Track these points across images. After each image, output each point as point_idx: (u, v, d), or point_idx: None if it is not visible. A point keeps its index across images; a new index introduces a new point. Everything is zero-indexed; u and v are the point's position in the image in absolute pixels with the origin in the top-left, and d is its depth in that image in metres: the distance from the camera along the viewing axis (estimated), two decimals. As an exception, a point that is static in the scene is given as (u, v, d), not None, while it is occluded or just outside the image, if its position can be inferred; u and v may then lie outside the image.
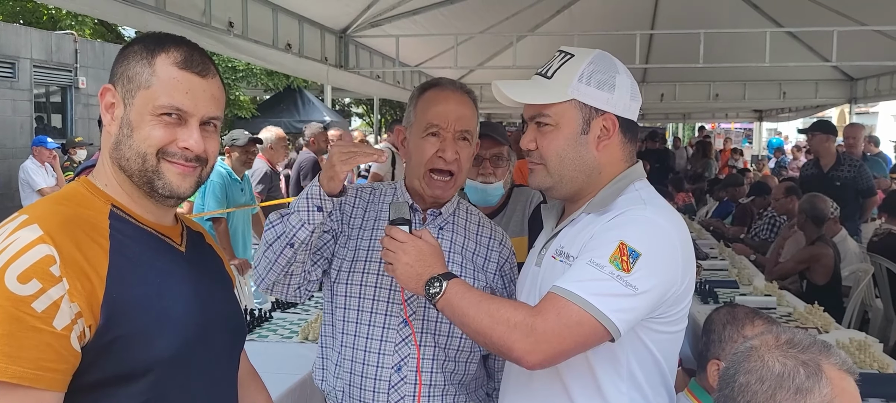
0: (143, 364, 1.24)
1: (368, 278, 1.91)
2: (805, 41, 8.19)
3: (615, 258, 1.46)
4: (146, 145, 1.29)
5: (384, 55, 8.06)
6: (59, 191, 1.34)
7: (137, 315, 1.23)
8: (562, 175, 1.63)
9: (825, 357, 1.27)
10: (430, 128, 1.89)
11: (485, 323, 1.50)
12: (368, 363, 1.90)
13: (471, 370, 1.99)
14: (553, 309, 1.46)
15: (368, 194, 2.05)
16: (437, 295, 1.57)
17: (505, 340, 1.48)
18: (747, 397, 1.27)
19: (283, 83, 18.57)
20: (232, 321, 1.49)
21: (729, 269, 5.10)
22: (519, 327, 1.46)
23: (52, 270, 1.14)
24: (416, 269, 1.62)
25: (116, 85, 1.31)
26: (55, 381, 1.14)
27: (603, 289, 1.44)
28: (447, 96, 1.93)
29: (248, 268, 5.39)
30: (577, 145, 1.61)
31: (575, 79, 1.59)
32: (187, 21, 4.50)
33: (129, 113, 1.30)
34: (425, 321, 1.90)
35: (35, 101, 12.79)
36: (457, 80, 2.00)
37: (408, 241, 1.64)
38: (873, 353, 3.17)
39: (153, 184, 1.31)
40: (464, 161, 1.92)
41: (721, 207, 8.99)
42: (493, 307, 1.52)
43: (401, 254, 1.63)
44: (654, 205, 1.59)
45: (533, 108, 1.64)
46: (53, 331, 1.13)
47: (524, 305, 1.53)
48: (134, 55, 1.31)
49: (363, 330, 1.91)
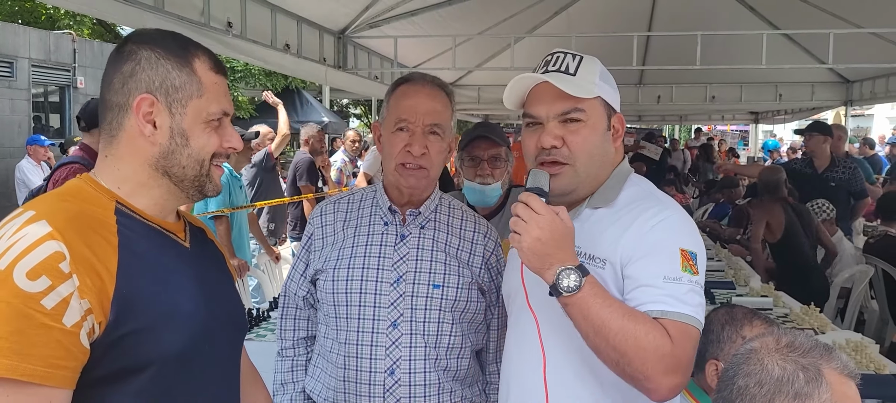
0: (151, 359, 1.25)
1: (352, 285, 1.91)
2: (801, 43, 8.20)
3: (686, 266, 1.48)
4: (205, 152, 1.35)
5: (382, 56, 8.06)
6: (62, 188, 1.34)
7: (146, 310, 1.24)
8: (588, 172, 1.61)
9: (826, 361, 1.26)
10: (400, 123, 1.91)
11: (627, 343, 1.41)
12: (361, 368, 1.89)
13: (463, 365, 1.99)
14: (684, 337, 1.44)
15: (346, 203, 2.05)
16: (572, 290, 1.44)
17: (646, 369, 1.41)
18: (746, 400, 1.27)
19: (282, 84, 18.55)
20: (235, 316, 1.51)
21: (725, 270, 5.11)
22: (666, 359, 1.41)
23: (62, 266, 1.14)
24: (548, 248, 1.45)
25: (157, 94, 1.31)
26: (64, 379, 1.14)
27: (693, 300, 1.47)
28: (417, 90, 1.94)
29: (247, 269, 5.40)
30: (603, 142, 1.63)
31: (597, 77, 1.61)
32: (186, 21, 4.50)
33: (181, 122, 1.32)
34: (413, 322, 1.90)
35: (33, 101, 12.78)
36: (429, 75, 2.00)
37: (544, 214, 1.47)
38: (869, 354, 3.19)
39: (204, 188, 1.37)
40: (434, 155, 1.92)
41: (717, 209, 9.01)
42: (640, 328, 1.41)
43: (532, 226, 1.46)
44: (664, 198, 1.64)
45: (566, 103, 1.58)
46: (63, 328, 1.13)
47: (661, 327, 1.43)
48: (166, 62, 1.32)
49: (352, 337, 1.90)
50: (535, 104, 1.63)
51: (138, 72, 1.31)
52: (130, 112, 1.31)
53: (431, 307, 1.91)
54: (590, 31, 7.69)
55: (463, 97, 11.63)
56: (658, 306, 1.46)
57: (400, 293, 1.91)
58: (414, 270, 1.93)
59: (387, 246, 1.95)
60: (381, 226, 1.98)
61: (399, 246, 1.95)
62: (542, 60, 1.66)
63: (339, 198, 2.09)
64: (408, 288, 1.91)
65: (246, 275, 5.40)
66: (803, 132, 6.47)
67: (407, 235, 1.97)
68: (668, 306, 1.45)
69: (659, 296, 1.46)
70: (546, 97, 1.60)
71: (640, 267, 1.51)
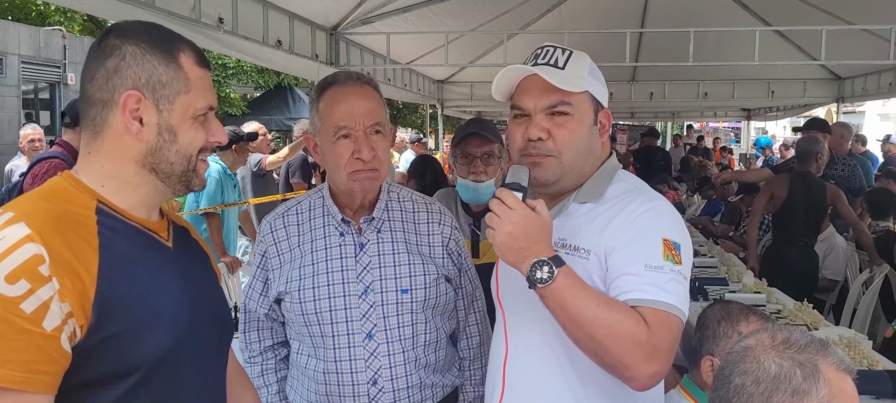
0: (135, 362, 1.22)
1: (321, 304, 1.88)
2: (794, 40, 8.22)
3: (667, 255, 1.48)
4: (192, 148, 1.33)
5: (375, 53, 8.03)
6: (42, 187, 1.31)
7: (129, 313, 1.21)
8: (573, 166, 1.62)
9: (822, 357, 1.25)
10: (340, 131, 1.84)
11: (603, 332, 1.41)
12: (343, 383, 1.88)
13: (441, 356, 1.99)
14: (663, 325, 1.43)
15: (295, 216, 1.99)
16: (545, 282, 1.45)
17: (625, 357, 1.41)
18: (743, 399, 1.25)
19: (274, 81, 18.50)
20: (220, 317, 1.48)
21: (718, 267, 5.12)
22: (644, 346, 1.40)
23: (41, 270, 1.12)
24: (520, 242, 1.47)
25: (143, 90, 1.29)
26: (46, 383, 1.12)
27: (675, 289, 1.47)
28: (348, 93, 1.86)
29: (239, 266, 5.38)
30: (589, 137, 1.63)
31: (586, 71, 1.62)
32: (176, 16, 4.47)
33: (169, 119, 1.30)
34: (386, 330, 1.88)
35: (23, 98, 12.70)
36: (352, 72, 1.94)
37: (517, 209, 1.48)
38: (863, 350, 3.19)
39: (190, 183, 1.36)
40: (382, 153, 1.87)
41: (709, 206, 9.03)
42: (615, 315, 1.42)
43: (505, 221, 1.47)
44: (651, 192, 1.64)
45: (554, 96, 1.58)
46: (43, 333, 1.11)
47: (637, 314, 1.43)
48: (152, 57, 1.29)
49: (329, 354, 1.88)
50: (523, 96, 1.63)
51: (123, 67, 1.28)
52: (116, 108, 1.29)
53: (403, 312, 1.90)
54: (583, 28, 7.68)
55: (455, 94, 11.63)
56: (637, 294, 1.46)
57: (369, 303, 1.89)
58: (379, 278, 1.91)
59: (347, 258, 1.91)
60: (338, 238, 1.93)
61: (360, 256, 1.92)
62: (532, 53, 1.66)
63: (286, 210, 2.01)
64: (376, 297, 1.89)
65: (238, 272, 5.37)
66: (802, 130, 6.47)
67: (365, 243, 1.93)
68: (648, 294, 1.45)
69: (639, 285, 1.46)
70: (534, 90, 1.60)
71: (621, 256, 1.51)
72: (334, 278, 1.89)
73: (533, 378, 1.64)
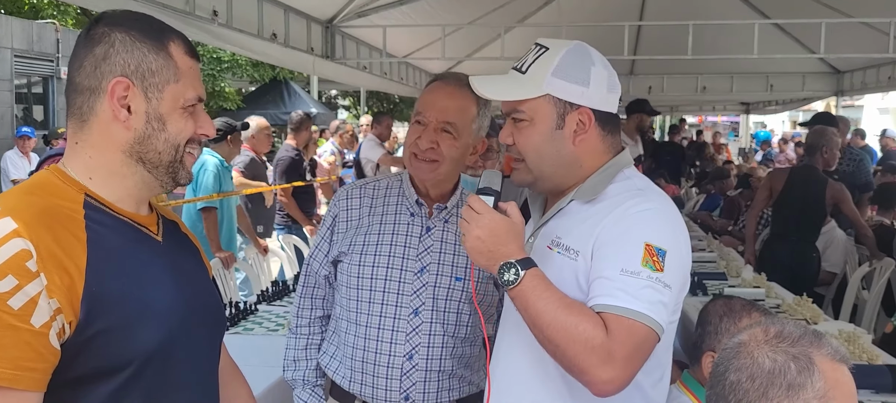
0: (126, 357, 1.21)
1: (378, 271, 1.99)
2: (793, 33, 8.21)
3: (647, 261, 1.45)
4: (181, 138, 1.32)
5: (371, 46, 7.98)
6: (29, 181, 1.29)
7: (119, 308, 1.20)
8: (541, 170, 1.61)
9: (816, 349, 1.23)
10: (416, 117, 2.00)
11: (559, 335, 1.42)
12: (380, 352, 1.97)
13: (474, 352, 2.08)
14: (623, 332, 1.41)
15: (371, 189, 2.12)
16: (511, 283, 1.48)
17: (580, 361, 1.41)
18: (738, 395, 1.23)
19: (269, 74, 18.44)
20: (212, 310, 1.47)
21: (717, 262, 5.10)
22: (597, 351, 1.39)
23: (29, 265, 1.10)
24: (488, 245, 1.50)
25: (132, 78, 1.27)
26: (34, 381, 1.11)
27: (650, 297, 1.43)
28: (438, 88, 2.01)
29: (234, 262, 5.34)
30: (552, 140, 1.59)
31: (549, 73, 1.57)
32: (170, 9, 4.43)
33: (159, 107, 1.29)
34: (434, 310, 1.98)
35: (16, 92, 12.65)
36: (463, 76, 1.97)
37: (483, 214, 1.52)
38: (862, 344, 3.18)
39: (177, 174, 1.34)
40: (445, 150, 1.95)
41: (708, 200, 9.02)
42: (572, 319, 1.42)
43: (473, 226, 1.52)
44: (651, 193, 1.58)
45: (508, 104, 1.62)
46: (31, 329, 1.09)
47: (597, 319, 1.43)
48: (141, 45, 1.28)
49: (374, 321, 1.98)
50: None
51: (112, 54, 1.26)
52: (104, 96, 1.26)
53: (452, 298, 2.00)
54: (581, 21, 7.66)
55: (452, 88, 11.57)
56: (603, 300, 1.44)
57: (423, 282, 1.99)
58: (437, 262, 2.01)
59: (412, 236, 2.02)
60: (408, 217, 2.05)
61: (424, 237, 2.03)
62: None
63: (364, 183, 2.15)
64: (431, 278, 1.99)
65: (233, 268, 5.33)
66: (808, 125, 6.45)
67: (432, 228, 2.04)
68: (614, 300, 1.43)
69: (609, 289, 1.45)
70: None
71: (601, 258, 1.50)
72: (396, 251, 2.00)
73: (518, 375, 1.64)
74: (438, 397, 2.00)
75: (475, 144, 2.03)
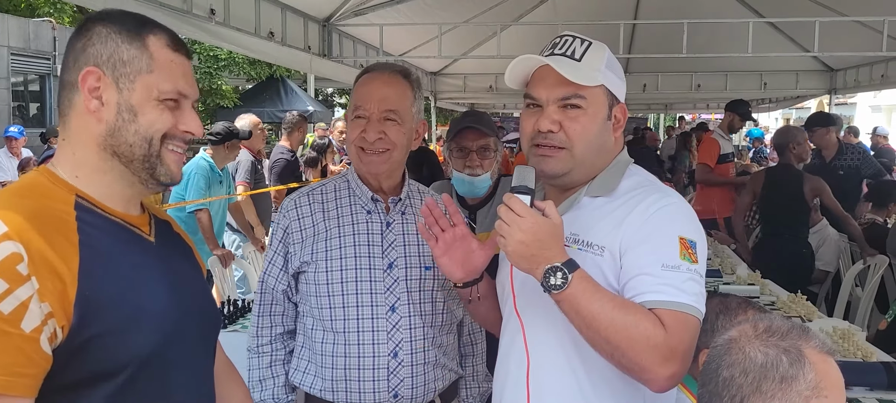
0: (121, 361, 1.19)
1: (347, 274, 1.95)
2: (787, 32, 8.24)
3: (684, 254, 1.47)
4: (153, 130, 1.27)
5: (368, 44, 7.99)
6: (19, 182, 1.27)
7: (112, 312, 1.18)
8: (584, 160, 1.59)
9: (805, 341, 1.25)
10: (356, 112, 1.97)
11: (618, 336, 1.40)
12: (364, 355, 1.94)
13: (451, 340, 2.10)
14: (681, 327, 1.42)
15: (320, 194, 2.05)
16: (559, 288, 1.43)
17: (641, 360, 1.40)
18: (732, 391, 1.25)
19: (266, 72, 18.41)
20: (206, 311, 1.45)
21: (711, 258, 5.13)
22: (660, 348, 1.40)
23: (20, 269, 1.08)
24: (532, 250, 1.45)
25: (104, 68, 1.25)
26: (25, 387, 1.08)
27: (693, 289, 1.46)
28: (373, 78, 1.98)
29: (232, 259, 5.35)
30: (602, 131, 1.60)
31: (603, 64, 1.59)
32: (167, 7, 4.43)
33: (130, 98, 1.25)
34: (410, 304, 1.97)
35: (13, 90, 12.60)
36: (394, 62, 2.03)
37: (526, 216, 1.46)
38: (856, 342, 3.20)
39: (155, 171, 1.29)
40: (394, 137, 1.94)
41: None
42: (630, 318, 1.41)
43: (515, 230, 1.45)
44: (663, 187, 1.63)
45: (567, 89, 1.56)
46: (22, 334, 1.07)
47: (653, 316, 1.42)
48: (117, 36, 1.26)
49: (352, 325, 1.94)
50: (536, 86, 1.60)
51: (88, 46, 1.26)
52: (78, 88, 1.26)
53: (425, 288, 2.00)
54: (576, 19, 7.67)
55: (448, 86, 11.60)
56: (654, 296, 1.45)
57: (394, 278, 1.97)
58: (404, 255, 2.00)
59: (373, 234, 2.00)
60: (364, 215, 2.02)
61: (386, 233, 2.01)
62: (550, 42, 1.64)
63: (311, 189, 2.08)
64: (400, 272, 1.98)
65: (231, 266, 5.35)
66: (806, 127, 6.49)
67: (392, 222, 2.02)
68: (665, 295, 1.44)
69: (656, 285, 1.45)
70: (548, 80, 1.58)
71: (637, 255, 1.49)
72: (360, 251, 1.97)
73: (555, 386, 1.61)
74: (425, 390, 2.00)
75: (417, 128, 2.02)
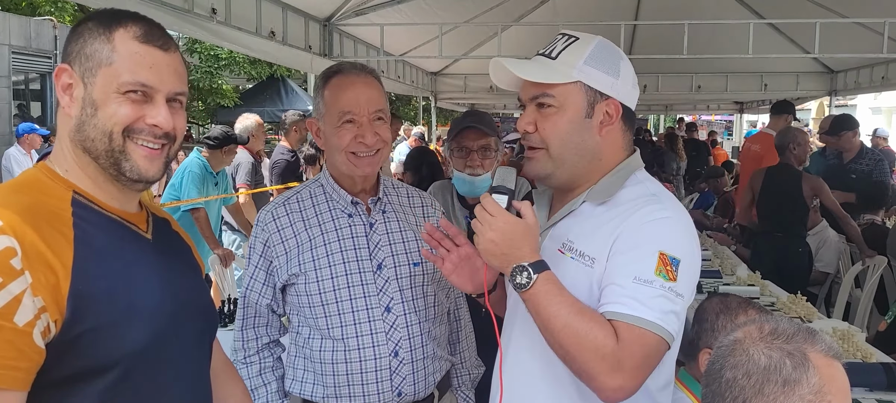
0: (113, 357, 1.19)
1: (339, 281, 1.95)
2: (787, 33, 8.24)
3: (660, 270, 1.44)
4: (112, 123, 1.24)
5: (368, 44, 7.99)
6: (17, 178, 1.28)
7: (105, 307, 1.18)
8: (563, 160, 1.57)
9: (810, 345, 1.24)
10: (345, 117, 1.93)
11: (570, 340, 1.42)
12: (365, 358, 1.94)
13: (444, 331, 2.15)
14: (634, 341, 1.40)
15: (296, 203, 2.03)
16: (523, 287, 1.47)
17: (589, 367, 1.41)
18: (735, 392, 1.24)
19: (267, 72, 18.42)
20: (202, 309, 1.45)
21: (711, 259, 5.13)
22: (607, 359, 1.39)
23: (13, 263, 1.09)
24: (502, 248, 1.48)
25: (73, 64, 1.26)
26: (17, 380, 1.09)
27: (662, 306, 1.42)
28: (353, 83, 1.96)
29: (232, 258, 5.36)
30: (580, 129, 1.56)
31: (581, 61, 1.55)
32: (168, 6, 4.43)
33: (92, 92, 1.24)
34: (403, 302, 1.99)
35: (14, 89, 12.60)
36: (357, 63, 2.04)
37: (498, 216, 1.50)
38: (856, 343, 3.21)
39: (120, 166, 1.26)
40: (384, 135, 1.98)
41: (702, 198, 9.06)
42: (584, 325, 1.41)
43: (487, 229, 1.50)
44: (666, 199, 1.57)
45: (536, 88, 1.57)
46: (14, 328, 1.07)
47: (609, 326, 1.42)
48: (89, 32, 1.26)
49: (350, 330, 1.94)
50: (521, 87, 1.62)
51: (67, 45, 1.29)
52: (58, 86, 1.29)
53: (416, 284, 2.02)
54: (577, 20, 7.68)
55: (449, 86, 11.61)
56: (615, 307, 1.43)
57: (385, 278, 1.98)
58: (391, 254, 2.01)
59: (358, 237, 2.00)
60: (346, 219, 2.01)
61: (371, 235, 2.01)
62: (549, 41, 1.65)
63: (286, 200, 2.05)
64: (390, 272, 1.99)
65: (232, 265, 5.35)
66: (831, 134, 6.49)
67: (374, 223, 2.03)
68: (626, 309, 1.42)
69: (621, 297, 1.44)
70: (525, 81, 1.59)
71: (614, 265, 1.48)
72: (348, 256, 1.97)
73: (530, 379, 1.62)
74: (426, 384, 2.01)
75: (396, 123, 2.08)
